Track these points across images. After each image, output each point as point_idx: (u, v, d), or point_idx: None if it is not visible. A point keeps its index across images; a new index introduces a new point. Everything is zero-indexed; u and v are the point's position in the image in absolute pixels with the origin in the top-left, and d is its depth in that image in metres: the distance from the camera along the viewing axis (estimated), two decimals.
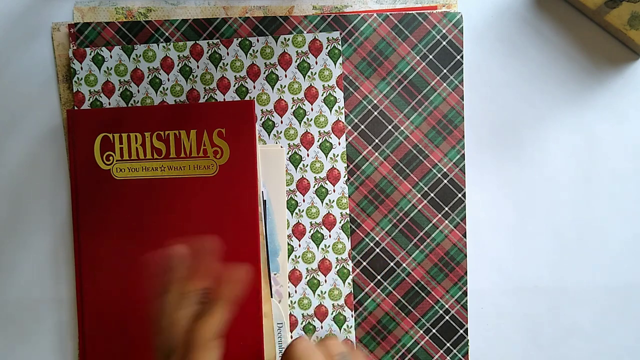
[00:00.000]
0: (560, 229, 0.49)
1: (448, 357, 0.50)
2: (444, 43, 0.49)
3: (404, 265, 0.50)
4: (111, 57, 0.50)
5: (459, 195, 0.50)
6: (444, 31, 0.49)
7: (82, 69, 0.50)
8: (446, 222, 0.50)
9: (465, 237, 0.50)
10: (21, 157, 0.51)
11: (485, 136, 0.50)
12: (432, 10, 0.49)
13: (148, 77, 0.50)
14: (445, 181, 0.50)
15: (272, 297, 0.50)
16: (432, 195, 0.50)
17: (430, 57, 0.50)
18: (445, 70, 0.50)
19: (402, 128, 0.50)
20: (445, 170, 0.50)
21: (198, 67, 0.49)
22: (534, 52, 0.47)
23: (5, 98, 0.51)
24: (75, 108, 0.50)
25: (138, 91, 0.50)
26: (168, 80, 0.50)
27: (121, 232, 0.49)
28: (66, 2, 0.50)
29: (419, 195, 0.50)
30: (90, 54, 0.50)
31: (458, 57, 0.49)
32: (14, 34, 0.51)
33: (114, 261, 0.49)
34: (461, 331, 0.50)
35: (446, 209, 0.50)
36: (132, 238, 0.49)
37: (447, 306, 0.50)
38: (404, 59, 0.50)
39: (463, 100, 0.50)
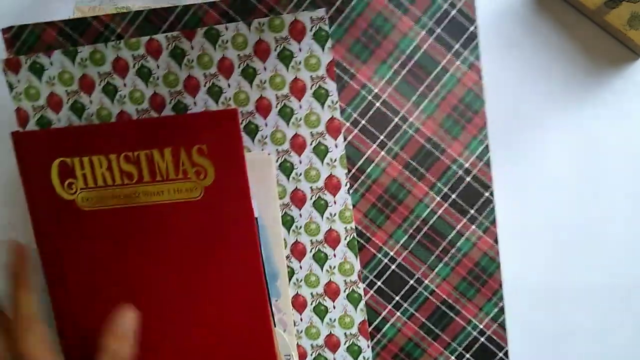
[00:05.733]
0: (560, 229, 0.44)
1: None
2: (453, 12, 0.41)
3: (426, 282, 0.42)
4: (52, 64, 0.41)
5: (486, 194, 0.42)
6: None
7: (19, 81, 0.42)
8: (473, 227, 0.42)
9: (497, 243, 0.42)
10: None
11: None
12: None
13: (100, 84, 0.41)
14: (469, 179, 0.42)
15: (274, 326, 0.42)
16: (453, 196, 0.42)
17: (438, 31, 0.41)
18: (457, 46, 0.41)
19: (411, 119, 0.41)
20: (467, 165, 0.41)
21: (158, 66, 0.41)
22: (534, 52, 0.44)
23: (4, 99, 0.45)
24: (20, 130, 0.42)
25: (90, 102, 0.42)
26: (124, 85, 0.41)
27: (95, 268, 0.41)
28: (66, 2, 0.44)
29: (438, 198, 0.42)
30: (27, 63, 0.41)
31: (472, 28, 0.41)
32: None
33: (90, 299, 0.42)
34: (500, 354, 0.42)
35: (472, 212, 0.42)
36: (110, 273, 0.41)
37: (481, 326, 0.42)
38: (407, 35, 0.41)
39: (482, 79, 0.41)
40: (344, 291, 0.42)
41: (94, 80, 0.41)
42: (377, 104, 0.41)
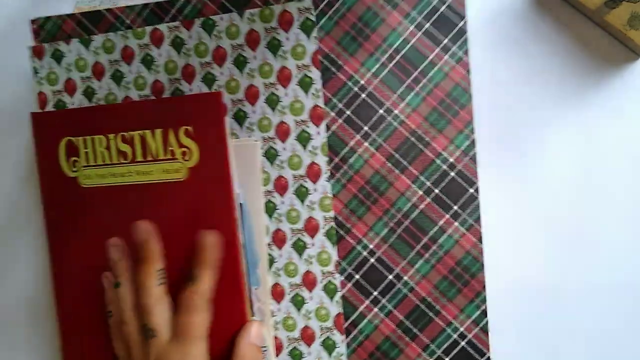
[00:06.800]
0: (560, 229, 0.42)
1: None
2: (443, 8, 0.41)
3: (405, 278, 0.41)
4: (70, 51, 0.45)
5: (471, 190, 0.40)
6: None
7: (42, 67, 0.46)
8: (456, 224, 0.41)
9: (481, 242, 0.40)
10: (20, 158, 0.50)
11: (483, 136, 0.42)
12: None
13: (109, 71, 0.45)
14: (453, 173, 0.41)
15: (253, 315, 0.42)
16: (436, 191, 0.41)
17: (427, 25, 0.41)
18: (445, 41, 0.41)
19: (396, 112, 0.41)
20: (451, 160, 0.41)
21: (160, 55, 0.44)
22: (533, 51, 0.43)
23: (3, 99, 0.49)
24: (39, 111, 0.46)
25: (100, 87, 0.45)
26: (130, 72, 0.45)
27: (92, 244, 0.44)
28: (66, 2, 0.48)
29: (421, 192, 0.41)
30: (49, 50, 0.46)
31: (460, 24, 0.41)
32: (14, 34, 0.49)
33: (87, 273, 0.44)
34: None
35: (455, 208, 0.41)
36: (104, 247, 0.43)
37: (462, 329, 0.40)
38: (395, 30, 0.41)
39: (469, 74, 0.41)
40: (321, 282, 0.42)
41: (104, 67, 0.45)
42: (363, 95, 0.42)
